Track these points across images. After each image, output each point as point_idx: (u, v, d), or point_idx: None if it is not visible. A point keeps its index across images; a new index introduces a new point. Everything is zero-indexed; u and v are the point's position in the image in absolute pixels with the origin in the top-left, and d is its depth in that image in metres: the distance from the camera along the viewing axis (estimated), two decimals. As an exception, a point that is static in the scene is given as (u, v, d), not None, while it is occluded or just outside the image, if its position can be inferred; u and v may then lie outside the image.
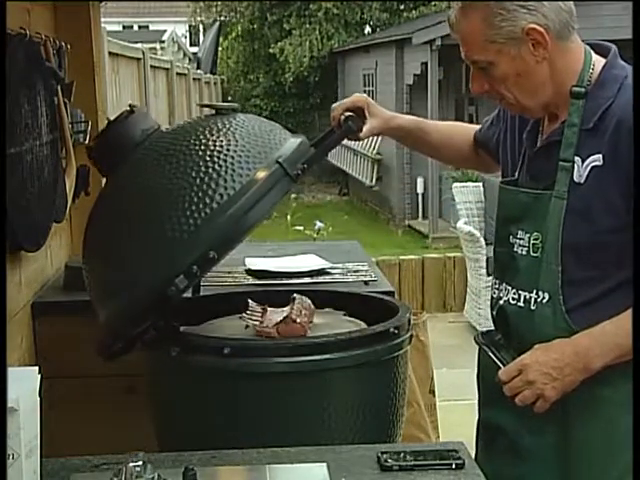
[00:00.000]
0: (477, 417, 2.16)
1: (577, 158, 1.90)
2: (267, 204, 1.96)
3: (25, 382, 1.57)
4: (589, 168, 1.88)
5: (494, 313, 2.09)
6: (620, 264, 1.87)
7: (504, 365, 1.97)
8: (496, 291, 2.09)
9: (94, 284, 2.12)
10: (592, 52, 1.96)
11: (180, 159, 1.98)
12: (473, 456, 2.09)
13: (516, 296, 2.01)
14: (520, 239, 2.00)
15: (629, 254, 1.85)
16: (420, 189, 13.86)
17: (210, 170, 1.95)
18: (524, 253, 1.98)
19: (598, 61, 1.95)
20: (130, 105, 2.13)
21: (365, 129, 2.24)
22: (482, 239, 7.13)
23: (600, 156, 1.86)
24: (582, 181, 1.89)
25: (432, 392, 3.31)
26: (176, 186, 1.95)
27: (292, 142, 2.10)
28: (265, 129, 2.10)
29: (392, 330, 2.17)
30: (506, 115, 2.17)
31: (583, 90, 1.91)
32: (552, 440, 1.96)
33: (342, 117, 2.23)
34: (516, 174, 2.08)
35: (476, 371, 2.17)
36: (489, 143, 2.27)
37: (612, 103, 1.87)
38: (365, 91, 16.36)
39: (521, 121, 2.10)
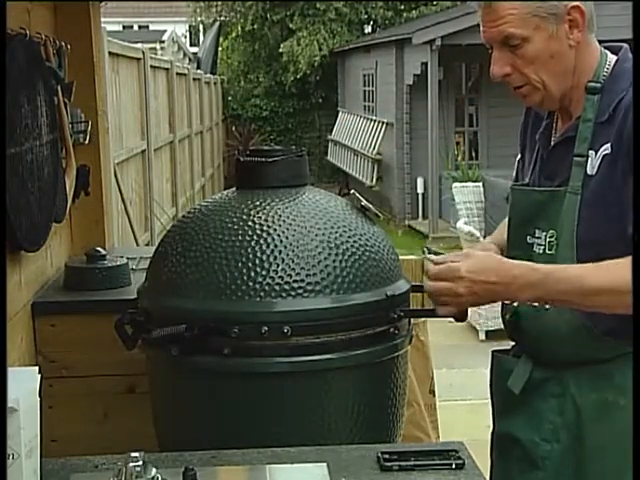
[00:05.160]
0: (492, 428, 2.14)
1: (591, 152, 1.89)
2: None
3: (25, 382, 1.57)
4: (600, 158, 1.87)
5: (507, 317, 2.06)
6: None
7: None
8: None
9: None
10: (607, 52, 1.96)
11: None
12: (488, 467, 2.08)
13: None
14: (538, 238, 1.97)
15: None
16: (420, 189, 13.85)
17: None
18: (541, 252, 1.96)
19: (612, 59, 1.95)
20: None
21: None
22: (482, 239, 7.13)
23: (609, 145, 1.86)
24: (594, 172, 1.88)
25: (432, 392, 3.31)
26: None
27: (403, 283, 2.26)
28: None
29: (392, 330, 2.17)
30: (524, 141, 2.14)
31: (599, 85, 1.91)
32: (566, 447, 1.94)
33: None
34: (527, 179, 2.06)
35: (489, 382, 2.15)
36: None
37: (626, 94, 1.87)
38: (365, 91, 16.36)
39: (533, 126, 2.09)
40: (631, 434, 1.79)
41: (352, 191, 2.34)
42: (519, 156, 2.18)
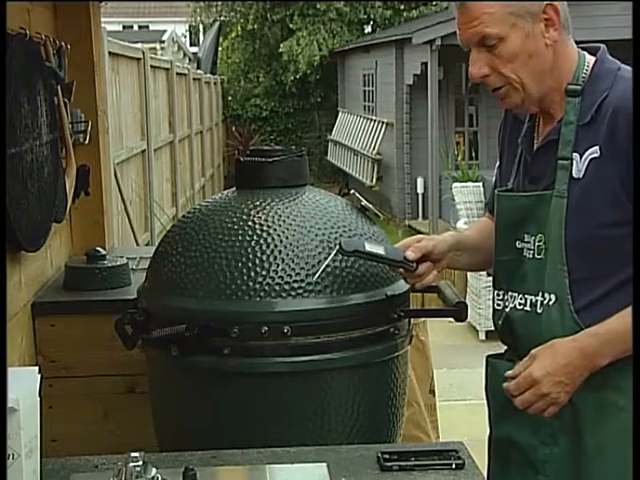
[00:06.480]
0: (488, 432, 2.13)
1: (575, 154, 1.89)
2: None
3: (25, 382, 1.57)
4: (587, 161, 1.87)
5: (499, 323, 2.05)
6: (624, 260, 1.84)
7: (380, 257, 2.04)
8: (500, 302, 2.04)
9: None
10: (585, 54, 1.96)
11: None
12: (485, 472, 2.07)
13: (522, 301, 1.97)
14: (527, 242, 1.97)
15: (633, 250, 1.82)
16: (420, 189, 13.85)
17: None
18: (530, 256, 1.96)
19: (590, 60, 1.95)
20: None
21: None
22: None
23: (597, 147, 1.85)
24: (581, 176, 1.87)
25: (432, 392, 3.31)
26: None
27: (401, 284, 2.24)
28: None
29: (392, 330, 2.17)
30: (502, 146, 2.14)
31: (579, 88, 1.91)
32: (565, 450, 1.93)
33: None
34: (509, 183, 2.05)
35: (484, 385, 2.14)
36: None
37: (607, 95, 1.87)
38: (365, 91, 16.35)
39: (512, 130, 2.09)
40: (631, 434, 1.79)
41: (352, 191, 2.34)
42: (498, 163, 2.17)
